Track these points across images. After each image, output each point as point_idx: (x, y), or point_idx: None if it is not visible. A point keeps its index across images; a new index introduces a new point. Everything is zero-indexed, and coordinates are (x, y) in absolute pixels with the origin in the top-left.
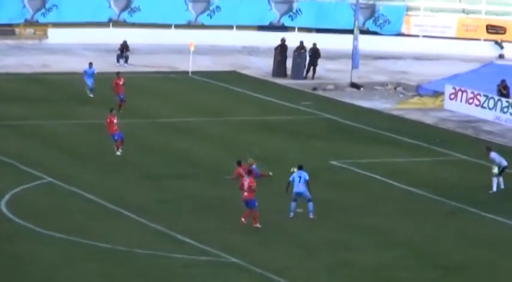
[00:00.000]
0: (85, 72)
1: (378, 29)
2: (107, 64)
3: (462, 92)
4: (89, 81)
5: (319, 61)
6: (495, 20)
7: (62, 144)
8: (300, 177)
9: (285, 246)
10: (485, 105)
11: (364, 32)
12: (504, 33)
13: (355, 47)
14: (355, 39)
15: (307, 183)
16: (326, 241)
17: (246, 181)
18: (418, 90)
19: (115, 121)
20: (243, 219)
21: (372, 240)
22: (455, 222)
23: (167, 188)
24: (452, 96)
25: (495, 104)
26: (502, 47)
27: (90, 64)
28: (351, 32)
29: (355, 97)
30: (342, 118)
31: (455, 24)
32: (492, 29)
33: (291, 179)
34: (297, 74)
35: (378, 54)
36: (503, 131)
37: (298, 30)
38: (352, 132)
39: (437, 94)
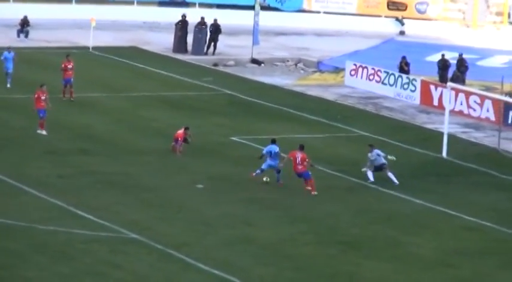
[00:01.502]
0: (5, 57)
1: (279, 5)
2: (7, 39)
3: (363, 68)
4: (9, 67)
5: (220, 37)
6: None
7: None
8: (271, 151)
9: (185, 222)
10: (386, 81)
11: (265, 8)
12: (405, 9)
13: (256, 23)
14: (256, 15)
15: (277, 155)
16: (226, 217)
17: (299, 156)
18: (319, 66)
19: (43, 97)
20: (313, 192)
21: (272, 216)
22: (355, 198)
23: (68, 164)
24: (352, 73)
25: (395, 81)
26: (402, 24)
27: (9, 49)
28: (252, 8)
29: (255, 73)
30: (242, 94)
31: (356, 1)
32: (393, 5)
33: (264, 151)
34: (197, 49)
35: (279, 31)
36: (403, 108)
37: (199, 6)
38: (253, 108)
39: (338, 70)
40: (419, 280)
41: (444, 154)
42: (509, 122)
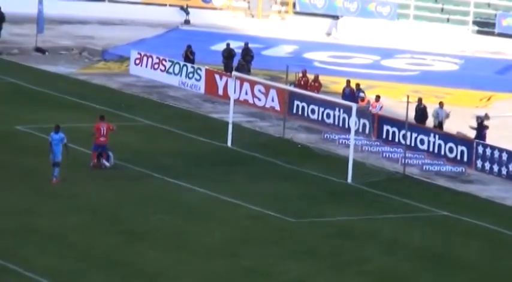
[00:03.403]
0: None
1: None
2: None
3: (147, 57)
4: None
5: (4, 25)
6: None
7: None
8: (53, 139)
9: None
10: (171, 70)
11: None
12: None
13: (40, 11)
14: (40, 3)
15: (63, 145)
16: (10, 205)
17: (104, 127)
18: (104, 55)
19: None
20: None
21: (55, 205)
22: (139, 187)
23: None
24: (137, 62)
25: (180, 70)
26: (187, 13)
27: None
28: None
29: (40, 62)
30: (26, 83)
31: None
32: None
33: (50, 139)
34: None
35: (63, 19)
36: (188, 97)
37: None
38: (37, 97)
39: (123, 59)
40: (204, 269)
41: (229, 143)
42: (294, 111)
